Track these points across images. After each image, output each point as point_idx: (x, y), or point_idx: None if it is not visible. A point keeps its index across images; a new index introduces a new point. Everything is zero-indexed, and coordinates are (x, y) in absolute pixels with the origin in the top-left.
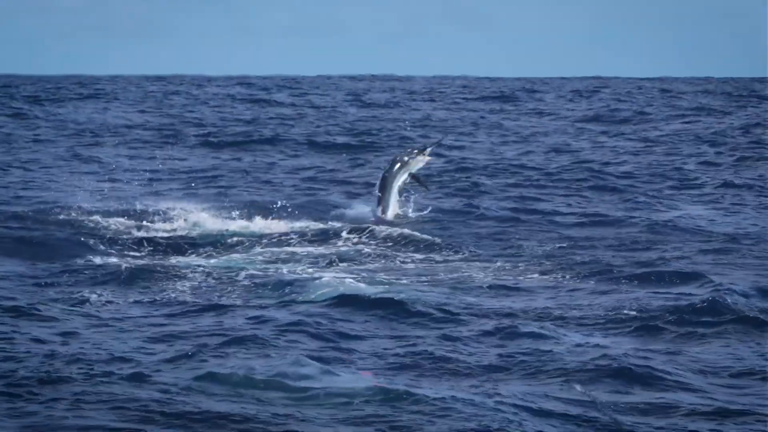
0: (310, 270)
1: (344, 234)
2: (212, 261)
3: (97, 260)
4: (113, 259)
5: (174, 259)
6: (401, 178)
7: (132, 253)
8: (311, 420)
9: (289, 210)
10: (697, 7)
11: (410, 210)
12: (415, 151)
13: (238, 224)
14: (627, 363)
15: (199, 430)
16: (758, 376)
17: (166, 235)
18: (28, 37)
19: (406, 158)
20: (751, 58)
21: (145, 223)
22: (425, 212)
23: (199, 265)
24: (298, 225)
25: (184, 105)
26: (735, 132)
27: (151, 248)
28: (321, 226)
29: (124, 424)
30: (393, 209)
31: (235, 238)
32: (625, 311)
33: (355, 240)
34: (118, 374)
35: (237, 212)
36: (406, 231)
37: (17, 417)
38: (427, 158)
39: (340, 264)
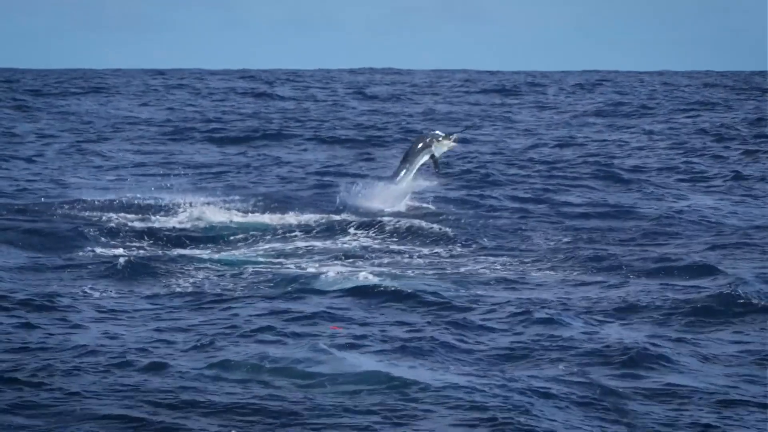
0: (318, 263)
1: (351, 229)
2: (219, 255)
3: (104, 253)
4: (119, 252)
5: (180, 253)
6: (424, 157)
7: (138, 247)
8: (320, 408)
9: (297, 204)
10: (694, 0)
11: (429, 201)
12: (441, 135)
13: (245, 218)
14: (635, 351)
15: (209, 419)
16: (766, 366)
17: (172, 228)
18: (26, 31)
19: (431, 139)
20: (750, 51)
21: (150, 216)
22: (436, 206)
23: (206, 259)
24: (306, 219)
25: (187, 99)
26: (740, 125)
27: (158, 242)
28: (328, 220)
29: (135, 413)
30: (407, 182)
31: (242, 233)
32: (635, 302)
33: (363, 234)
34: (127, 365)
35: (244, 206)
36: (416, 224)
37: (27, 408)
38: (452, 144)
39: (348, 258)
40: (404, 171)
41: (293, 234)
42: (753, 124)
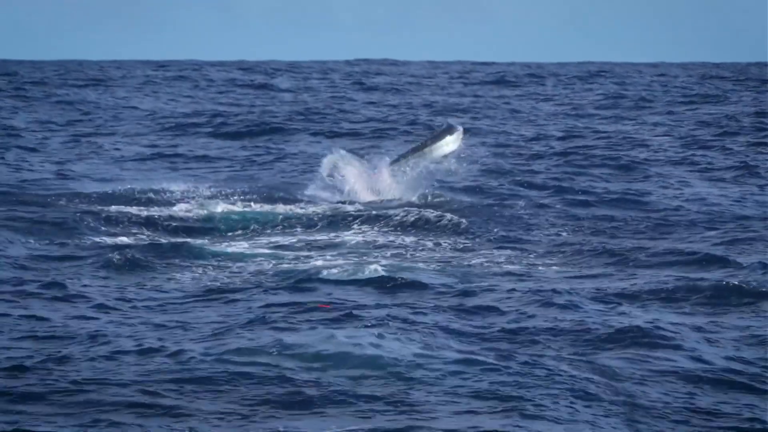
0: (324, 255)
1: (358, 221)
2: (223, 246)
3: (107, 244)
4: (122, 242)
5: (184, 244)
6: (435, 151)
7: (141, 238)
8: (327, 394)
9: (301, 196)
10: None
11: (435, 191)
12: (439, 133)
13: (248, 210)
14: (640, 335)
15: (217, 405)
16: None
17: (175, 220)
18: (23, 23)
19: (444, 136)
20: (747, 42)
21: (153, 208)
22: (442, 196)
23: (210, 250)
24: (311, 210)
25: (188, 91)
26: (742, 116)
27: (161, 233)
28: (333, 211)
29: (143, 399)
30: (399, 169)
31: (246, 224)
32: (643, 289)
33: (368, 227)
34: (136, 353)
35: (247, 198)
36: (423, 214)
37: (36, 396)
38: (457, 141)
39: (355, 249)
40: (406, 159)
41: (298, 226)
42: (756, 116)
